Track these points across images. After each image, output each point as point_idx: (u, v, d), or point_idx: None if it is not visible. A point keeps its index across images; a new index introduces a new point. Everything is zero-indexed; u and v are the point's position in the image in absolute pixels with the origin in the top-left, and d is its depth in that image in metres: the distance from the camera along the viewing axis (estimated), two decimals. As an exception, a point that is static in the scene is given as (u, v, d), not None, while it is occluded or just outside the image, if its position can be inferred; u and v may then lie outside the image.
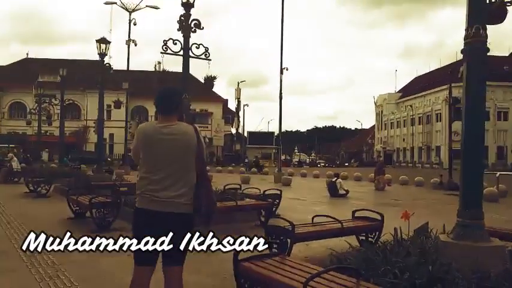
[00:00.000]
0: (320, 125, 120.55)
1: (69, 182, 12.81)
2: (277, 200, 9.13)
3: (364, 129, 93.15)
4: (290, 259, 3.70)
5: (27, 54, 61.90)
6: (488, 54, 4.26)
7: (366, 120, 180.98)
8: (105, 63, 14.61)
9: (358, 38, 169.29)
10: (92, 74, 36.40)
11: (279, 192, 9.39)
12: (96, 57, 14.56)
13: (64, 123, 21.85)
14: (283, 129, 23.32)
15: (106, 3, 27.05)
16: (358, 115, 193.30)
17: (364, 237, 5.69)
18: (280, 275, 3.10)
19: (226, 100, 62.53)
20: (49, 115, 26.40)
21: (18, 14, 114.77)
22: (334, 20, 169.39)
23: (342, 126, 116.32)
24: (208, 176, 3.09)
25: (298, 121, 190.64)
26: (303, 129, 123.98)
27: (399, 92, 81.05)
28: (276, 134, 55.18)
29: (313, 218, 5.69)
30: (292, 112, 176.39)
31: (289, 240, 4.80)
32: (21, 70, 55.05)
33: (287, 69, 21.24)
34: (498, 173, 15.92)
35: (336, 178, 15.07)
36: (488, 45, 4.22)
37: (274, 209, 8.74)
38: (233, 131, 61.49)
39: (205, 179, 2.95)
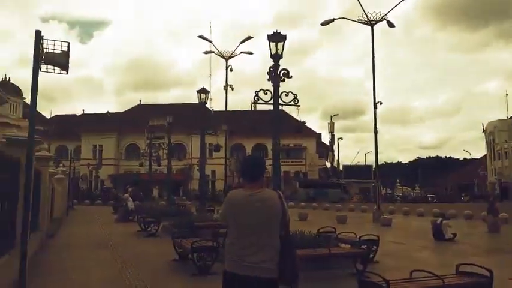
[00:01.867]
0: (423, 156, 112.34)
1: (175, 222, 13.81)
2: (374, 246, 8.78)
3: (474, 159, 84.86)
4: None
5: (140, 101, 69.65)
6: None
7: (475, 149, 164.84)
8: (207, 107, 15.79)
9: (461, 61, 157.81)
10: (195, 116, 39.43)
11: (376, 238, 9.02)
12: (198, 100, 15.84)
13: (171, 164, 23.82)
14: (382, 161, 22.50)
15: (205, 53, 29.48)
16: (465, 144, 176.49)
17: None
18: None
19: (320, 134, 62.51)
20: (158, 157, 29.01)
21: (131, 65, 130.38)
22: (433, 45, 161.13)
23: (447, 157, 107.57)
24: (293, 241, 3.26)
25: (399, 152, 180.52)
26: (405, 160, 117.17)
27: (512, 117, 72.68)
28: (374, 167, 53.21)
29: (411, 273, 5.39)
30: (392, 142, 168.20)
31: (384, 298, 4.61)
32: (135, 115, 61.86)
33: (381, 103, 20.71)
34: None
35: (441, 219, 13.67)
36: None
37: (371, 255, 8.41)
38: (328, 164, 60.72)
39: (290, 244, 3.07)
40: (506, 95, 73.67)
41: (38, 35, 5.19)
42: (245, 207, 3.03)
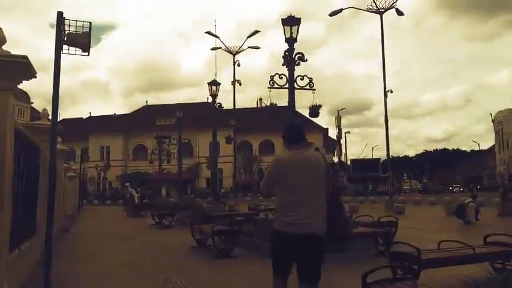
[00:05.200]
0: (431, 149, 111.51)
1: (188, 214, 13.85)
2: (393, 228, 8.73)
3: (482, 150, 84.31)
4: (421, 283, 3.55)
5: (146, 102, 69.89)
6: None
7: (484, 140, 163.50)
8: (216, 103, 15.81)
9: (472, 52, 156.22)
10: (202, 115, 39.48)
11: (395, 219, 8.98)
12: (204, 100, 15.88)
13: (181, 159, 23.85)
14: (390, 155, 22.34)
15: (212, 49, 29.50)
16: (474, 136, 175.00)
17: (500, 265, 5.15)
18: (414, 298, 3.00)
19: (327, 129, 62.19)
20: (169, 153, 29.12)
21: (138, 67, 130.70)
22: (443, 36, 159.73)
23: (455, 149, 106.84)
24: (340, 201, 3.28)
25: (406, 146, 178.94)
26: (412, 154, 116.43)
27: (521, 106, 72.19)
28: (382, 160, 52.95)
29: (439, 244, 5.35)
30: (398, 137, 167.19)
31: (415, 267, 4.57)
32: (142, 116, 62.04)
33: (391, 92, 20.62)
34: None
35: (469, 200, 13.62)
36: None
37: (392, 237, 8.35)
38: (335, 159, 60.47)
39: (336, 200, 3.11)
40: (514, 84, 72.87)
41: (60, 16, 5.20)
42: (293, 165, 3.14)
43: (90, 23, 5.45)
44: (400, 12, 21.19)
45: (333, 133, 59.81)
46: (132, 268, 6.94)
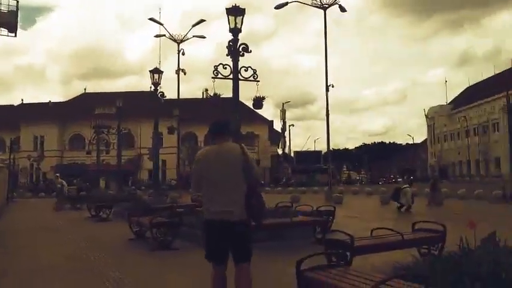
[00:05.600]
0: (370, 142, 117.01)
1: (128, 206, 13.40)
2: (331, 217, 9.05)
3: (415, 144, 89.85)
4: (354, 269, 3.69)
5: (84, 89, 66.35)
6: None
7: (418, 134, 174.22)
8: (158, 92, 15.37)
9: (409, 51, 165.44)
10: (144, 105, 38.29)
11: (332, 208, 9.30)
12: (148, 89, 15.40)
13: (121, 152, 23.00)
14: (331, 148, 23.10)
15: (156, 36, 28.59)
16: (409, 130, 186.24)
17: (426, 250, 5.51)
18: (345, 283, 3.11)
19: (272, 122, 63.07)
20: (108, 144, 27.96)
21: (77, 52, 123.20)
22: (383, 35, 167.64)
23: (391, 142, 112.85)
24: (258, 185, 3.72)
25: (347, 139, 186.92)
26: (352, 147, 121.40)
27: (451, 103, 77.92)
28: (323, 153, 54.61)
29: (371, 231, 5.61)
30: (340, 130, 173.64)
31: (348, 253, 4.76)
32: (80, 104, 58.91)
33: (333, 86, 21.24)
34: None
35: (405, 186, 14.63)
36: None
37: (329, 225, 8.66)
38: (280, 151, 61.63)
39: (255, 188, 3.50)
40: (446, 82, 78.68)
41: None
42: (213, 159, 3.50)
43: (17, 1, 5.05)
44: (343, 9, 21.83)
45: (278, 125, 60.91)
46: (66, 262, 6.60)
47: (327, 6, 21.67)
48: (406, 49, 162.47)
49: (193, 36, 25.60)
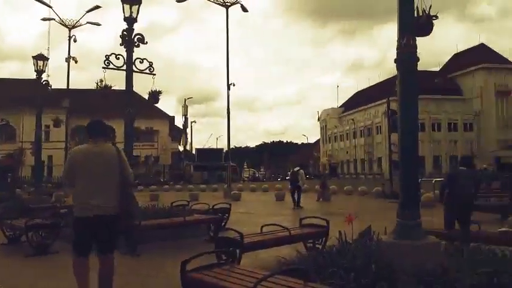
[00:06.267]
0: (269, 141, 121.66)
1: (3, 206, 11.89)
2: (226, 214, 9.09)
3: (310, 143, 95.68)
4: (239, 267, 3.69)
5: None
6: (422, 69, 4.62)
7: (312, 134, 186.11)
8: (43, 81, 13.89)
9: (307, 55, 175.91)
10: (28, 94, 34.48)
11: (228, 206, 9.35)
12: (33, 76, 13.85)
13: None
14: (232, 145, 23.39)
15: (44, 20, 25.91)
16: (305, 130, 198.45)
17: (311, 244, 5.80)
18: (229, 282, 3.08)
19: (173, 117, 61.55)
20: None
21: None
22: (284, 38, 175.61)
23: (289, 141, 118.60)
24: (130, 185, 3.94)
25: (248, 137, 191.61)
26: (252, 145, 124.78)
27: (341, 106, 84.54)
28: (225, 150, 55.08)
29: (261, 228, 5.73)
30: (241, 128, 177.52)
31: (237, 251, 4.78)
32: None
33: (234, 85, 21.52)
34: (434, 180, 16.94)
35: (298, 168, 15.65)
36: (420, 56, 4.54)
37: (223, 223, 8.68)
38: (181, 148, 60.52)
39: (127, 187, 3.77)
40: (338, 86, 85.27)
41: None
42: (89, 157, 3.70)
43: None
44: (244, 9, 22.18)
45: (179, 122, 59.68)
46: None
47: (229, 4, 21.83)
48: (304, 53, 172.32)
49: (88, 23, 23.81)
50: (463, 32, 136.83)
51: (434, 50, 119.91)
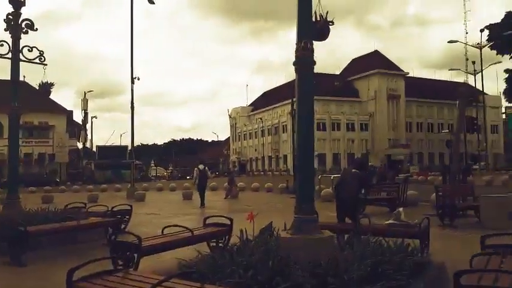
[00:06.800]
0: (179, 138, 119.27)
1: None
2: (127, 216, 8.65)
3: (220, 141, 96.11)
4: (135, 273, 3.50)
5: None
6: (324, 73, 4.84)
7: (223, 132, 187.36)
8: None
9: (219, 52, 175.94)
10: None
11: (129, 207, 8.91)
12: None
13: None
14: (138, 143, 22.41)
15: None
16: (216, 127, 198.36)
17: (214, 243, 5.76)
18: (120, 291, 2.89)
19: (71, 112, 56.79)
20: None
21: None
22: (196, 34, 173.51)
23: (199, 139, 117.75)
24: None
25: (156, 134, 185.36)
26: (161, 142, 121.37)
27: (251, 105, 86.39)
28: (130, 148, 52.60)
29: (163, 229, 5.54)
30: (149, 124, 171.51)
31: (135, 255, 4.55)
32: None
33: (138, 79, 20.64)
34: (332, 176, 18.08)
35: (203, 167, 15.31)
36: (323, 60, 4.77)
37: (123, 226, 8.26)
38: (80, 145, 56.33)
39: None
40: (247, 85, 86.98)
41: None
42: None
43: None
44: (151, 1, 21.36)
45: (79, 117, 55.46)
46: None
47: (133, -6, 20.87)
48: (216, 50, 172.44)
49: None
50: (360, 39, 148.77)
51: (336, 55, 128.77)
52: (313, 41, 4.71)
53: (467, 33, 62.91)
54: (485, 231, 5.71)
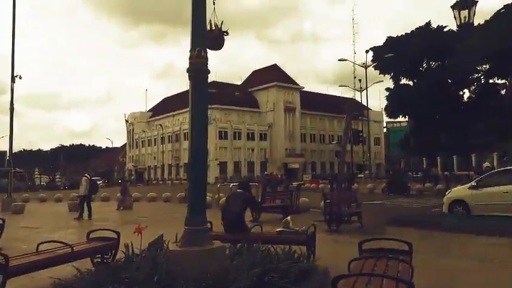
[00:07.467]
0: (68, 143, 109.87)
1: None
2: (-2, 231, 7.65)
3: (115, 147, 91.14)
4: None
5: None
6: (227, 82, 4.80)
7: (119, 138, 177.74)
8: None
9: (118, 54, 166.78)
10: None
11: (1, 221, 7.89)
12: None
13: None
14: (20, 148, 20.11)
15: None
16: (111, 133, 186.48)
17: (99, 259, 5.35)
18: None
19: None
20: None
21: None
22: (93, 33, 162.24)
23: (91, 145, 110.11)
24: None
25: (43, 139, 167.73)
26: (48, 147, 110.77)
27: (150, 110, 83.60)
28: (8, 154, 46.99)
29: (38, 246, 4.97)
30: (35, 128, 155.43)
31: (1, 276, 3.99)
32: None
33: (20, 77, 18.57)
34: (231, 185, 18.27)
35: (86, 176, 14.34)
36: (226, 70, 4.74)
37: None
38: None
39: None
40: (146, 90, 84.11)
41: None
42: None
43: None
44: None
45: None
46: None
47: (18, -15, 18.84)
48: (114, 51, 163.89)
49: None
50: (263, 51, 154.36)
51: (239, 65, 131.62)
52: (209, 50, 4.69)
53: (355, 53, 69.01)
54: (365, 236, 6.24)
